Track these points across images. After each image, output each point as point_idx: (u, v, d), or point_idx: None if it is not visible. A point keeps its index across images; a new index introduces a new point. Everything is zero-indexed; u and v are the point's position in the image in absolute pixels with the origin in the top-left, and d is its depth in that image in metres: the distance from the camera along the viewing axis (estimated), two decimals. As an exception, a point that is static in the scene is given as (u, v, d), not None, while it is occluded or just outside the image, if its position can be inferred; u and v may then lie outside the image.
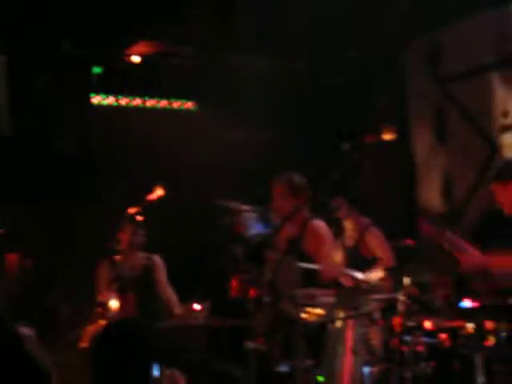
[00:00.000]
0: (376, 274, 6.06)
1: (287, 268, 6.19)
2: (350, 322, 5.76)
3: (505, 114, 7.98)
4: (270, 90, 8.91)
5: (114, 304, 6.68)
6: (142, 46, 8.63)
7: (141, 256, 7.13)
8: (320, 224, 6.50)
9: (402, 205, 9.15)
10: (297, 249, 6.31)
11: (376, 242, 7.04)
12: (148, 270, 7.13)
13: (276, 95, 8.99)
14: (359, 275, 5.74)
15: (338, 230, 6.82)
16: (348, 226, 7.03)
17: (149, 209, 6.53)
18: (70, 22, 7.70)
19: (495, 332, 5.38)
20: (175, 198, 6.86)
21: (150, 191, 6.49)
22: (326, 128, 9.02)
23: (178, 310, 7.18)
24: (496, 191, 5.72)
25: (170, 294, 7.18)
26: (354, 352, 5.49)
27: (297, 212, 6.43)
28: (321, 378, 5.59)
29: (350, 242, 7.04)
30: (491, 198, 5.77)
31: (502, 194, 5.64)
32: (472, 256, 5.66)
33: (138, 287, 6.94)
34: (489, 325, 5.41)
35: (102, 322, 6.35)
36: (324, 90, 9.20)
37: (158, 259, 7.20)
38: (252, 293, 6.06)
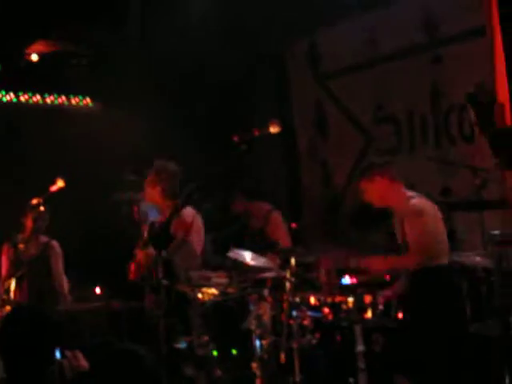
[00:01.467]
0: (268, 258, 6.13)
1: (184, 252, 6.19)
2: (243, 300, 5.84)
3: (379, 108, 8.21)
4: (160, 87, 8.89)
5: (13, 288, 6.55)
6: (41, 45, 8.47)
7: (41, 242, 7.00)
8: (186, 211, 6.21)
9: (288, 192, 9.28)
10: (166, 235, 6.12)
11: (277, 227, 7.14)
12: (44, 256, 6.99)
13: (165, 92, 8.97)
14: (248, 256, 5.80)
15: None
16: (253, 212, 7.18)
17: (52, 199, 6.45)
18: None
19: (372, 305, 5.54)
20: (76, 189, 6.79)
21: (52, 183, 6.39)
22: (215, 123, 9.04)
23: (69, 296, 7.08)
24: (364, 188, 5.78)
25: (62, 280, 7.06)
26: (247, 327, 5.56)
27: (161, 199, 6.27)
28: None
29: (256, 225, 7.16)
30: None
31: (369, 191, 5.73)
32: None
33: (33, 272, 6.80)
34: (367, 299, 5.57)
35: (7, 308, 6.24)
36: (213, 86, 9.22)
37: (55, 245, 7.06)
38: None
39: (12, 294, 6.58)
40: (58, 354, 3.31)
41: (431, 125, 7.79)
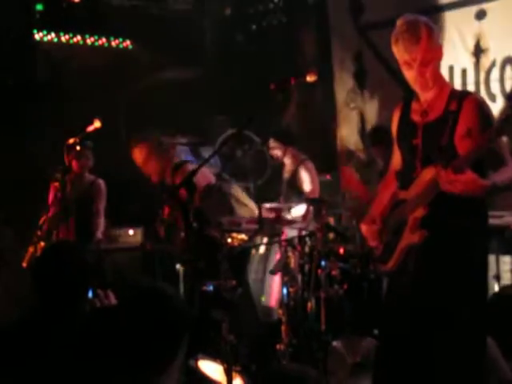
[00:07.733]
0: (299, 208, 6.19)
1: (215, 197, 6.24)
2: (272, 247, 5.90)
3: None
4: (200, 34, 8.91)
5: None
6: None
7: (87, 179, 7.09)
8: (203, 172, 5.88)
9: (323, 142, 9.27)
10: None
11: (307, 176, 7.19)
12: (90, 195, 7.09)
13: (205, 38, 8.98)
14: (281, 206, 5.85)
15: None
16: (287, 161, 7.34)
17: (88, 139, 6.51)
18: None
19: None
20: (112, 130, 6.84)
21: (89, 123, 6.43)
22: (251, 70, 9.03)
23: (101, 236, 7.17)
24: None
25: (99, 220, 7.16)
26: (274, 273, 5.63)
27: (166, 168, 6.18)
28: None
29: (287, 175, 7.33)
30: None
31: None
32: None
33: (79, 211, 6.89)
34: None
35: (41, 244, 6.34)
36: (250, 34, 9.20)
37: (101, 184, 7.15)
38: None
39: (52, 232, 6.65)
40: (90, 293, 3.36)
41: (471, 81, 7.70)
